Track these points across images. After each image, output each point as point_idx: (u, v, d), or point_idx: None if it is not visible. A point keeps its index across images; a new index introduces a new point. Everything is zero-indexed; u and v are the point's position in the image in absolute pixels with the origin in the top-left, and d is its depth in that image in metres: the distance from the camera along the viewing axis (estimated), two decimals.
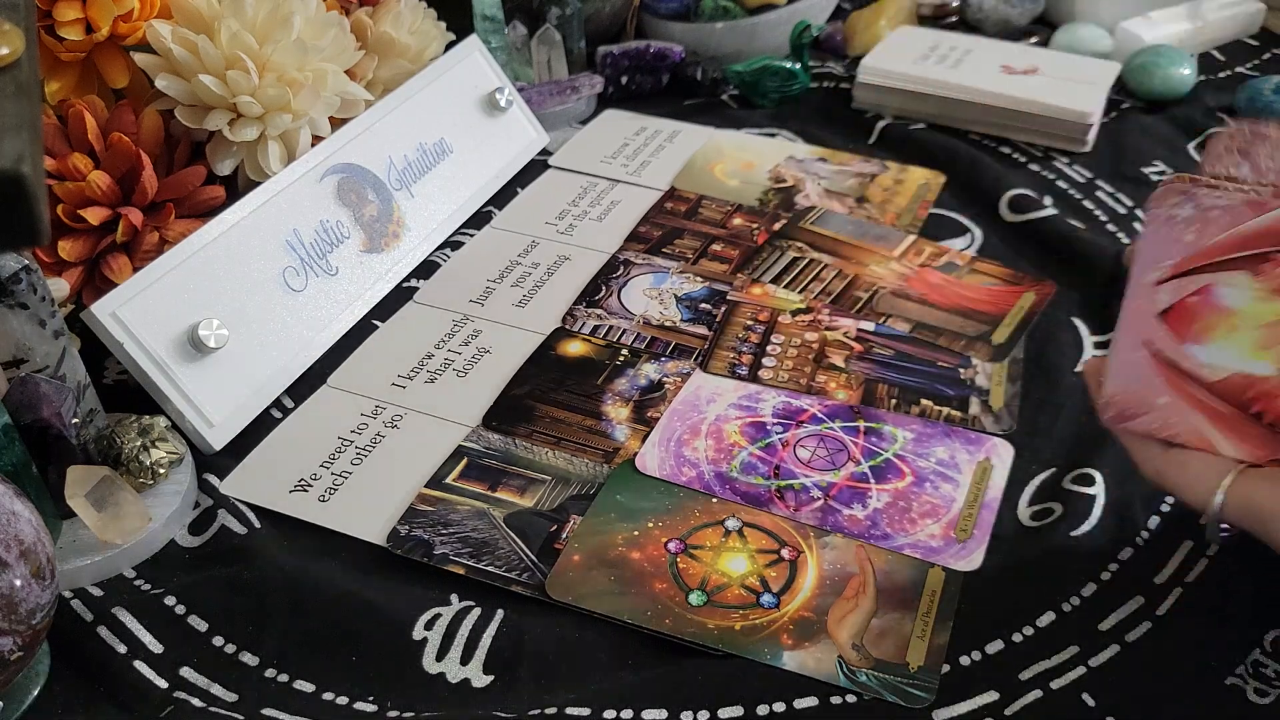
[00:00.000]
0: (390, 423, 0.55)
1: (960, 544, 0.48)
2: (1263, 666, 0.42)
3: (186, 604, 0.46)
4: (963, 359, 0.59)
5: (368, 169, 0.65)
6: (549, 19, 0.82)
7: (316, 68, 0.60)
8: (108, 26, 0.55)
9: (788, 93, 0.85)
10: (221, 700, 0.43)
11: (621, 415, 0.55)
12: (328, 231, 0.62)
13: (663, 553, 0.48)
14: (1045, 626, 0.44)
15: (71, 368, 0.48)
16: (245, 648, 0.45)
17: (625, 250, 0.68)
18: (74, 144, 0.55)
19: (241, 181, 0.62)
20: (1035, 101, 0.77)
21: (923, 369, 0.58)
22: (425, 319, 0.63)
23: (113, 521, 0.47)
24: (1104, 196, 0.73)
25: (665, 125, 0.81)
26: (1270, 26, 0.94)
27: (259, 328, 0.57)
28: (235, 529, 0.50)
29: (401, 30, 0.70)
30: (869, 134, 0.81)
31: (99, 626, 0.45)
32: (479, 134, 0.74)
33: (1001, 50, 0.86)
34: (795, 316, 0.62)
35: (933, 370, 0.58)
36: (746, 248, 0.68)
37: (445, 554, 0.48)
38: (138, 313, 0.52)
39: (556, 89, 0.80)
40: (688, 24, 0.89)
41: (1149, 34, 0.86)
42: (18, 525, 0.38)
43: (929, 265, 0.66)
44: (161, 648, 0.44)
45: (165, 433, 0.50)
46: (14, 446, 0.45)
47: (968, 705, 0.41)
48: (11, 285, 0.44)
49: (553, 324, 0.62)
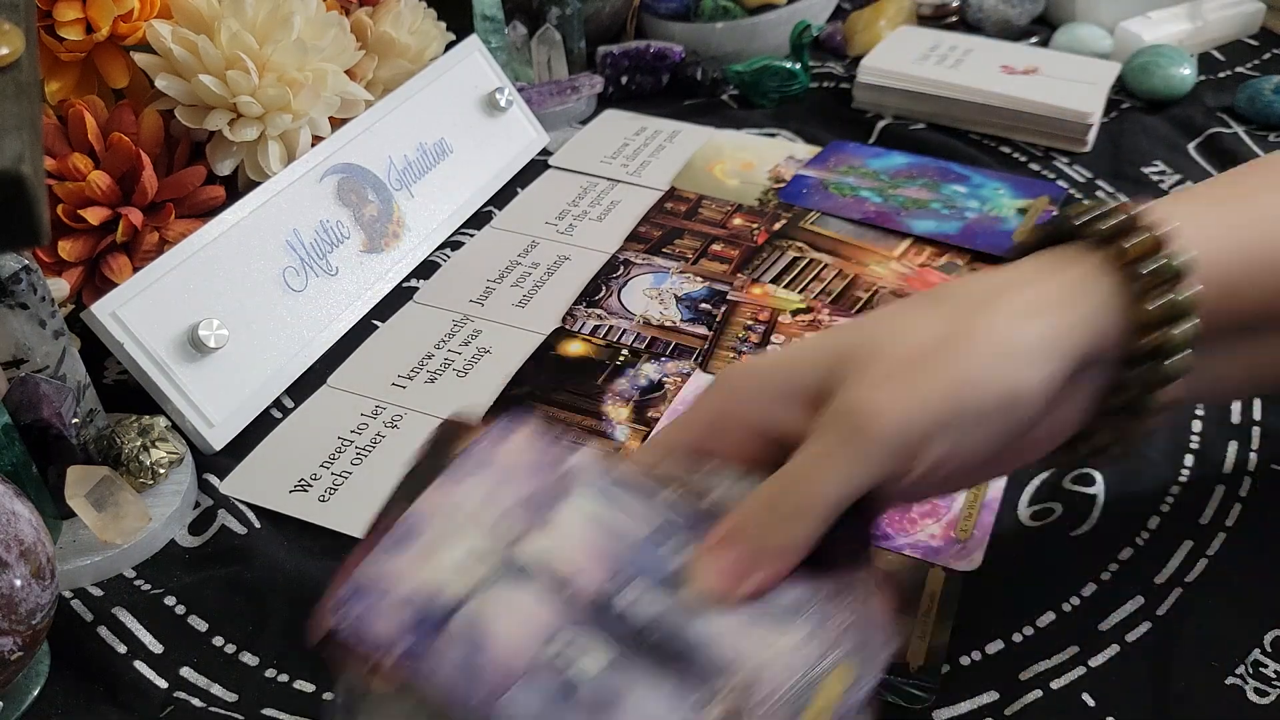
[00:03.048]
0: (390, 423, 0.55)
1: (960, 544, 0.48)
2: (1263, 666, 0.42)
3: (186, 604, 0.46)
4: None
5: (368, 169, 0.65)
6: (549, 19, 0.82)
7: (316, 68, 0.60)
8: (108, 26, 0.55)
9: (788, 93, 0.85)
10: (221, 700, 0.43)
11: (622, 415, 0.55)
12: (328, 231, 0.62)
13: None
14: (1045, 626, 0.44)
15: (71, 368, 0.48)
16: (245, 648, 0.45)
17: (625, 250, 0.68)
18: (74, 144, 0.55)
19: (241, 181, 0.62)
20: (1035, 101, 0.77)
21: None
22: (425, 319, 0.63)
23: (113, 521, 0.47)
24: (1104, 196, 0.73)
25: (665, 125, 0.81)
26: (1270, 26, 0.94)
27: (259, 328, 0.57)
28: (235, 529, 0.50)
29: (401, 30, 0.70)
30: (869, 134, 0.81)
31: (99, 626, 0.45)
32: (479, 134, 0.74)
33: (1001, 50, 0.86)
34: (795, 316, 0.62)
35: None
36: (746, 248, 0.68)
37: None
38: (138, 313, 0.52)
39: (556, 89, 0.80)
40: (688, 24, 0.89)
41: (1149, 34, 0.86)
42: (18, 525, 0.38)
43: (929, 265, 0.66)
44: (161, 648, 0.45)
45: (165, 433, 0.50)
46: (14, 446, 0.45)
47: (968, 705, 0.41)
48: (11, 285, 0.44)
49: (553, 324, 0.62)
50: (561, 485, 0.35)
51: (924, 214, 0.70)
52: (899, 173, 0.74)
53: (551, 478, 0.35)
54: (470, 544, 0.33)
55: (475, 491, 0.34)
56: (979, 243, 0.67)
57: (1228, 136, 0.77)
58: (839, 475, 0.32)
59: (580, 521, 0.34)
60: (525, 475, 0.35)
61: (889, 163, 0.76)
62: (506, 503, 0.34)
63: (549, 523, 0.34)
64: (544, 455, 0.36)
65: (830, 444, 0.32)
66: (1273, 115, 0.78)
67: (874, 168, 0.75)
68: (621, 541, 0.33)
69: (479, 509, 0.34)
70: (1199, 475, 0.51)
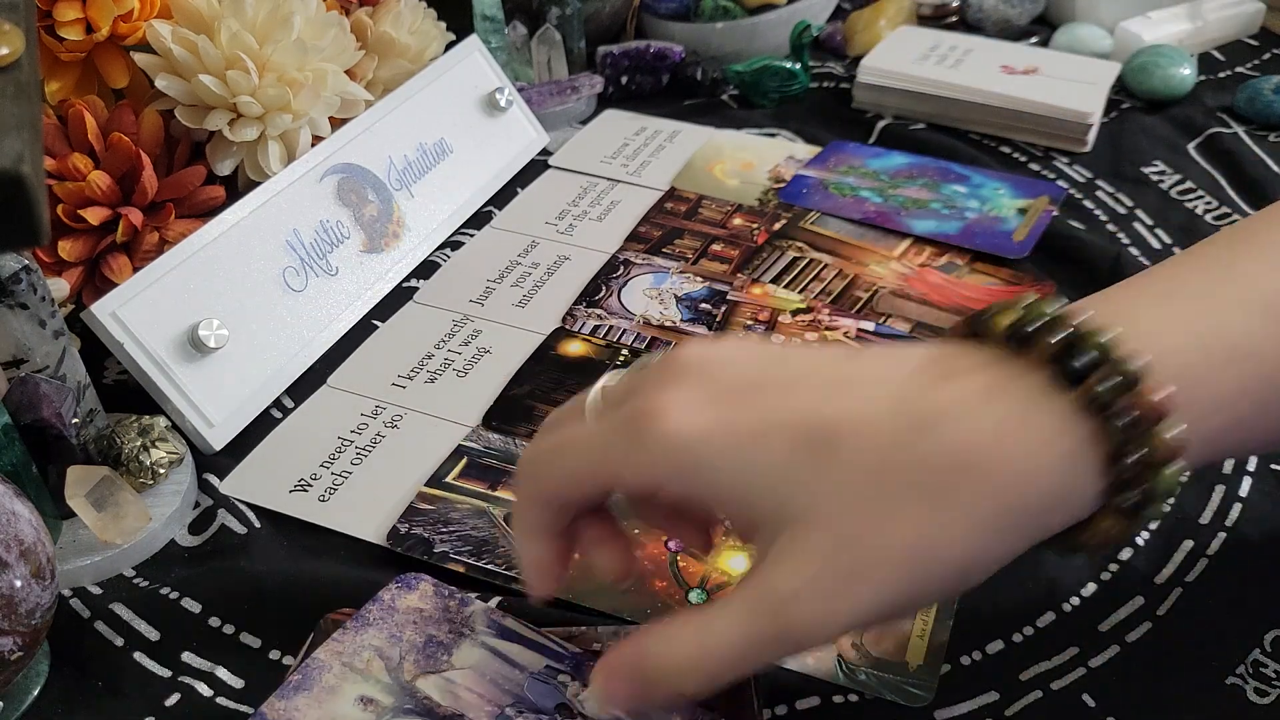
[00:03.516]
0: (390, 422, 0.55)
1: None
2: (1263, 666, 0.42)
3: (186, 603, 0.46)
4: None
5: (368, 169, 0.65)
6: (549, 19, 0.82)
7: (316, 68, 0.60)
8: (108, 26, 0.55)
9: (788, 93, 0.85)
10: (228, 686, 0.43)
11: None
12: (328, 231, 0.62)
13: (663, 551, 0.48)
14: (1045, 626, 0.44)
15: (71, 368, 0.48)
16: (244, 647, 0.45)
17: (625, 250, 0.68)
18: (74, 144, 0.55)
19: (241, 181, 0.62)
20: (1035, 101, 0.77)
21: None
22: (425, 319, 0.63)
23: (113, 521, 0.47)
24: (1104, 196, 0.73)
25: (665, 125, 0.81)
26: (1270, 26, 0.94)
27: (259, 328, 0.57)
28: (235, 529, 0.50)
29: (401, 30, 0.70)
30: (869, 134, 0.81)
31: (96, 621, 0.45)
32: (479, 134, 0.74)
33: (1001, 50, 0.86)
34: (795, 316, 0.62)
35: None
36: (746, 248, 0.68)
37: (445, 552, 0.48)
38: (138, 313, 0.52)
39: (556, 89, 0.80)
40: (688, 24, 0.89)
41: (1149, 34, 0.86)
42: (18, 525, 0.38)
43: (929, 265, 0.66)
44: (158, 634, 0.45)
45: (165, 433, 0.50)
46: (14, 446, 0.45)
47: (968, 705, 0.41)
48: (11, 285, 0.44)
49: (553, 324, 0.62)
50: (457, 630, 0.39)
51: (924, 214, 0.70)
52: (899, 173, 0.74)
53: (448, 625, 0.40)
54: (373, 682, 0.37)
55: (378, 636, 0.39)
56: (979, 243, 0.67)
57: (1228, 136, 0.77)
58: (752, 657, 0.31)
59: (474, 662, 0.38)
60: (424, 622, 0.40)
61: (889, 163, 0.76)
62: (407, 645, 0.39)
63: (446, 663, 0.38)
64: (442, 605, 0.40)
65: (748, 629, 0.30)
66: (1273, 115, 0.78)
67: (874, 168, 0.75)
68: (512, 679, 0.38)
69: (382, 650, 0.38)
70: (1199, 475, 0.51)
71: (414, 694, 0.37)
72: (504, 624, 0.40)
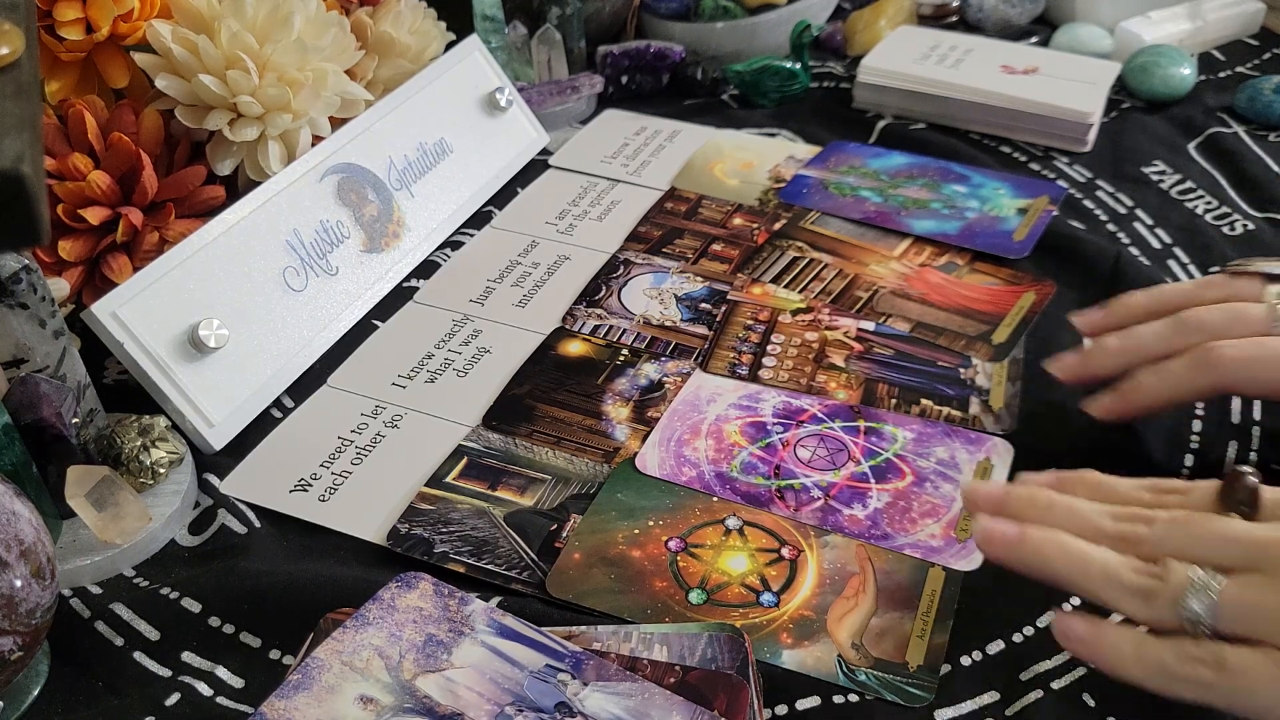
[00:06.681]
0: (390, 422, 0.55)
1: (960, 544, 0.48)
2: None
3: (186, 603, 0.46)
4: (963, 359, 0.59)
5: (368, 169, 0.65)
6: (549, 19, 0.82)
7: (316, 68, 0.60)
8: (108, 26, 0.55)
9: (788, 93, 0.85)
10: (228, 685, 0.43)
11: (622, 415, 0.55)
12: (328, 231, 0.62)
13: (663, 551, 0.48)
14: (1045, 627, 0.44)
15: (71, 368, 0.48)
16: (244, 646, 0.45)
17: (625, 250, 0.68)
18: (74, 144, 0.55)
19: (241, 181, 0.62)
20: (1035, 101, 0.77)
21: (923, 369, 0.58)
22: (425, 319, 0.63)
23: (113, 521, 0.47)
24: (1104, 196, 0.73)
25: (665, 125, 0.81)
26: (1270, 26, 0.94)
27: (259, 328, 0.57)
28: (235, 528, 0.50)
29: (401, 30, 0.70)
30: (869, 134, 0.81)
31: (96, 621, 0.45)
32: (479, 134, 0.74)
33: (1001, 50, 0.86)
34: (795, 316, 0.62)
35: (933, 370, 0.58)
36: (746, 247, 0.68)
37: (445, 552, 0.48)
38: (138, 313, 0.52)
39: (556, 89, 0.80)
40: (688, 24, 0.89)
41: (1149, 34, 0.86)
42: (18, 525, 0.38)
43: (929, 265, 0.66)
44: (158, 634, 0.45)
45: (165, 433, 0.51)
46: (14, 446, 0.45)
47: (968, 705, 0.41)
48: (11, 285, 0.44)
49: (553, 324, 0.62)
50: (457, 629, 0.40)
51: (924, 214, 0.70)
52: (899, 173, 0.74)
53: (448, 624, 0.40)
54: (373, 681, 0.38)
55: (378, 635, 0.40)
56: (979, 242, 0.67)
57: (1228, 136, 0.77)
58: None
59: (474, 660, 0.39)
60: (424, 622, 0.40)
61: (889, 163, 0.76)
62: (407, 644, 0.39)
63: (446, 662, 0.39)
64: (442, 604, 0.41)
65: None
66: (1273, 115, 0.78)
67: (874, 168, 0.75)
68: (512, 678, 0.38)
69: (382, 649, 0.39)
70: (1199, 475, 0.51)
71: (414, 693, 0.37)
72: (504, 623, 0.40)
